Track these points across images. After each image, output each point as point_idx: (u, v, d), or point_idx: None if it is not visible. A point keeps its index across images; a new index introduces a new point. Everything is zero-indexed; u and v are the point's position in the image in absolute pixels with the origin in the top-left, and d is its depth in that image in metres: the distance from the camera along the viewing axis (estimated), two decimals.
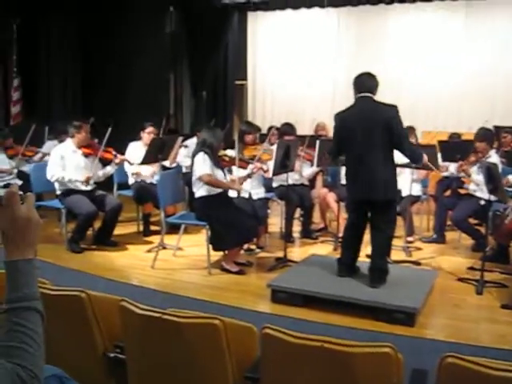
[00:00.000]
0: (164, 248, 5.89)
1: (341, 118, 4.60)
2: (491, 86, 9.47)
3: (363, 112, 4.43)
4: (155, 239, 6.17)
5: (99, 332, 2.34)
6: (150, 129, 6.70)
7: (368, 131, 4.35)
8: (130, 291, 4.64)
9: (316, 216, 7.06)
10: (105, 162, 6.16)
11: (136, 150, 6.49)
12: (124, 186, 6.80)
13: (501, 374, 1.73)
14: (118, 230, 6.38)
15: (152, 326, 2.17)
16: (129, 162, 6.29)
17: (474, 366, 1.77)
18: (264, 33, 11.21)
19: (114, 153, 6.09)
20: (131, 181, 6.59)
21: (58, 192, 5.94)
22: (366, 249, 4.91)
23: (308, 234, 6.66)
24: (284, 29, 10.97)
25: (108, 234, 6.11)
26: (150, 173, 6.50)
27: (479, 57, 9.56)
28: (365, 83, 4.48)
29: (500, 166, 5.77)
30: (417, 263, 5.65)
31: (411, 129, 4.76)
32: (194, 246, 6.06)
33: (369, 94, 4.44)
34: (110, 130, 5.85)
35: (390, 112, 4.36)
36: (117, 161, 6.11)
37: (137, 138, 6.75)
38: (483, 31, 9.59)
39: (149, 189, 6.32)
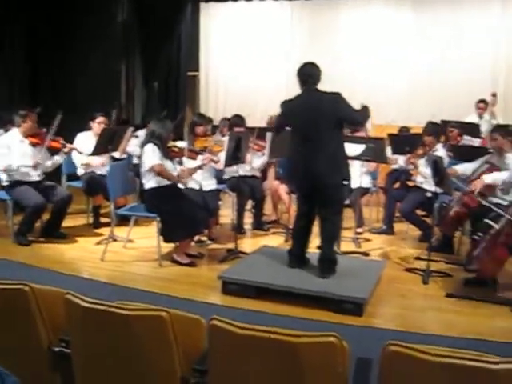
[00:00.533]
0: (114, 240, 5.81)
1: (287, 105, 4.67)
2: (440, 81, 9.68)
3: (309, 103, 4.47)
4: (105, 231, 6.09)
5: (43, 326, 2.29)
6: (100, 119, 6.58)
7: (314, 122, 4.41)
8: (78, 284, 4.56)
9: (267, 208, 7.09)
10: (53, 152, 6.02)
11: (86, 141, 6.37)
12: (73, 177, 6.66)
13: (442, 360, 1.77)
14: (67, 222, 6.26)
15: (98, 319, 2.14)
16: (78, 151, 6.16)
17: (415, 353, 1.80)
18: (217, 24, 11.13)
19: (62, 142, 5.96)
20: (80, 172, 6.47)
21: (5, 183, 5.78)
22: (316, 240, 4.97)
23: (259, 225, 6.69)
24: (237, 20, 10.92)
25: (57, 226, 5.98)
26: (99, 163, 6.37)
27: (427, 52, 9.75)
28: (309, 74, 4.54)
29: (447, 160, 5.93)
30: (366, 254, 5.74)
31: (365, 108, 4.81)
32: (145, 237, 6.00)
33: (313, 85, 4.50)
34: (58, 118, 5.73)
35: (335, 99, 4.42)
36: (65, 150, 5.98)
37: (86, 128, 6.62)
38: (430, 26, 9.78)
39: (99, 180, 6.21)
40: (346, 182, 4.76)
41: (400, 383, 1.88)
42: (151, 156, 5.08)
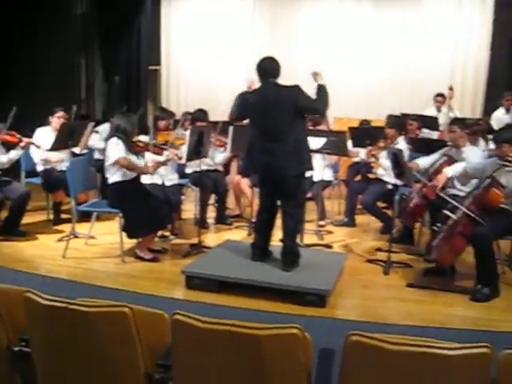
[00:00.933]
0: (76, 237, 5.73)
1: (243, 98, 4.68)
2: (399, 75, 9.84)
3: (267, 96, 4.47)
4: (66, 228, 6.00)
5: (2, 325, 2.25)
6: (59, 113, 6.45)
7: (273, 114, 4.42)
8: (39, 282, 4.50)
9: (230, 202, 7.10)
10: (9, 147, 5.88)
11: (45, 136, 6.24)
12: (32, 173, 6.52)
13: (402, 349, 1.82)
14: (27, 219, 6.12)
15: (58, 316, 2.11)
16: (36, 146, 6.04)
17: (376, 342, 1.84)
18: (178, 18, 11.02)
19: (18, 136, 5.82)
20: (40, 168, 6.34)
21: None
22: (279, 233, 4.99)
23: (222, 219, 6.69)
24: (198, 14, 10.83)
25: (16, 223, 5.84)
26: (59, 159, 6.26)
27: (387, 46, 9.91)
28: (267, 68, 4.54)
29: (407, 153, 6.04)
30: (328, 246, 5.81)
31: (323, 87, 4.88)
32: (107, 233, 5.93)
33: (272, 79, 4.50)
34: (13, 112, 5.60)
35: (293, 91, 4.43)
36: (22, 144, 5.84)
37: (46, 123, 6.49)
38: (389, 21, 9.93)
39: (59, 176, 6.10)
40: (308, 174, 4.78)
41: (362, 372, 1.92)
42: (116, 149, 5.02)
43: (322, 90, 4.59)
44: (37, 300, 2.13)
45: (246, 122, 5.18)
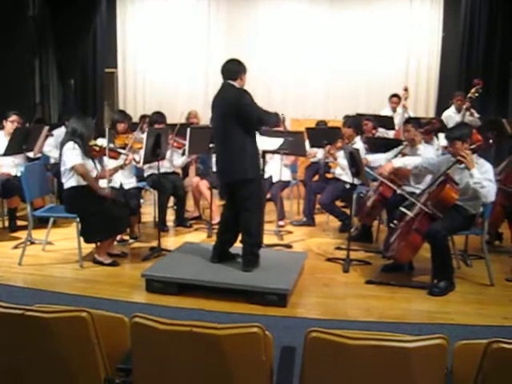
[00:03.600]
0: (32, 243, 5.62)
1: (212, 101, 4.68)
2: (355, 76, 10.03)
3: (220, 99, 4.52)
4: (22, 234, 5.87)
5: None
6: (13, 117, 6.30)
7: (222, 117, 4.47)
8: None
9: (189, 204, 7.08)
10: None
11: None
12: None
13: (360, 343, 1.86)
14: None
15: (14, 324, 2.07)
16: None
17: (335, 337, 1.88)
18: (134, 19, 10.94)
19: None
20: None
21: None
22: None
23: (182, 222, 6.66)
24: (154, 16, 10.79)
25: None
26: (12, 164, 6.12)
27: (343, 48, 10.07)
28: (225, 70, 4.54)
29: (364, 152, 6.13)
30: (288, 246, 5.85)
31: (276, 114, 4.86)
32: (65, 239, 5.84)
33: (229, 81, 4.49)
34: None
35: (236, 96, 4.41)
36: None
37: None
38: (346, 23, 10.10)
39: (13, 182, 5.97)
40: (267, 175, 4.80)
41: (322, 367, 1.96)
42: (72, 155, 4.93)
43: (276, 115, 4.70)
44: None
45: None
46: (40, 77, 10.18)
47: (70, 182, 5.03)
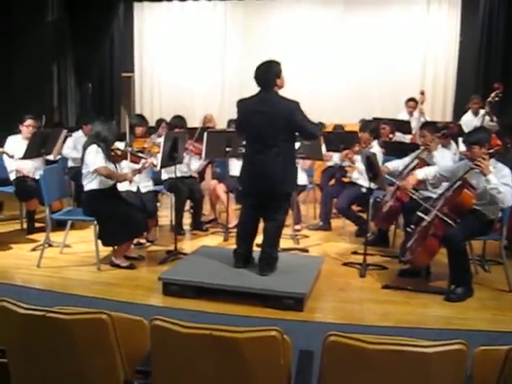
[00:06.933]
0: (50, 246, 5.66)
1: (241, 105, 4.61)
2: (371, 80, 10.00)
3: (262, 106, 4.43)
4: (40, 237, 5.91)
5: None
6: (28, 121, 6.34)
7: (266, 126, 4.39)
8: (14, 292, 4.39)
9: (206, 208, 7.09)
10: None
11: (16, 144, 6.18)
12: (5, 182, 6.43)
13: (379, 348, 1.86)
14: (0, 229, 6.05)
15: (36, 325, 2.09)
16: (8, 155, 5.97)
17: (353, 341, 1.88)
18: (151, 24, 11.04)
19: None
20: (12, 176, 6.26)
21: None
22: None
23: (198, 225, 6.67)
24: (171, 20, 10.88)
25: None
26: (31, 167, 6.19)
27: (360, 52, 10.05)
28: (260, 76, 4.51)
29: (381, 156, 6.12)
30: (304, 250, 5.84)
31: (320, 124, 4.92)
32: (82, 242, 5.88)
33: (267, 88, 4.47)
34: None
35: (290, 109, 4.41)
36: None
37: (17, 131, 6.42)
38: (361, 27, 10.08)
39: (32, 185, 6.04)
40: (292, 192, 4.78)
41: (340, 371, 1.95)
42: (96, 158, 4.96)
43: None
44: (13, 309, 2.11)
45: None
46: (58, 81, 10.31)
47: (90, 184, 5.07)
